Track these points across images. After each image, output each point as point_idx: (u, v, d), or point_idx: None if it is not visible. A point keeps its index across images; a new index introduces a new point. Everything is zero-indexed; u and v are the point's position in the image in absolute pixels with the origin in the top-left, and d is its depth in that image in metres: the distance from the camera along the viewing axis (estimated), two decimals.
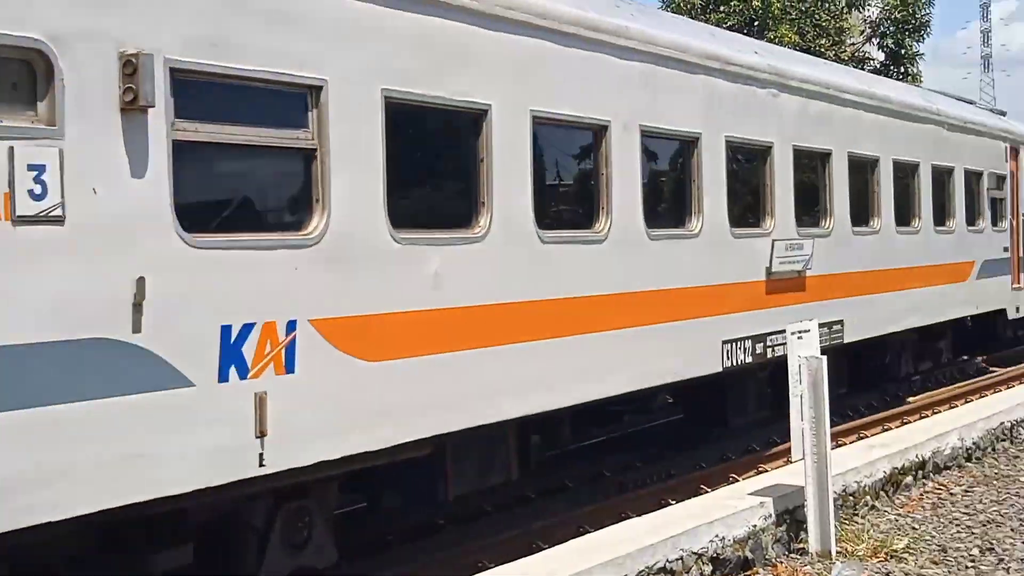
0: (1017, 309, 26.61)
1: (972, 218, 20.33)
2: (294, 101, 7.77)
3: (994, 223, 21.51)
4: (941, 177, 19.03)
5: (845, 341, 15.09)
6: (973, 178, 20.48)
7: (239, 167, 7.72)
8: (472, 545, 10.73)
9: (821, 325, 9.54)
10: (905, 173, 17.63)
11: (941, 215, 19.00)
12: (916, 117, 18.33)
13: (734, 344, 12.59)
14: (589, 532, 8.95)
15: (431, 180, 9.52)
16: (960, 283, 19.53)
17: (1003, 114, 29.22)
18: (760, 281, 13.18)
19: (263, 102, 7.60)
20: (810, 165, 14.76)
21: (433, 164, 9.52)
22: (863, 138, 16.08)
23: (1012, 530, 9.23)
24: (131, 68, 6.49)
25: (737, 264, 12.79)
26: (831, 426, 15.06)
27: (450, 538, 11.14)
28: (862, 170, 16.12)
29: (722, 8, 30.66)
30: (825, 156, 14.90)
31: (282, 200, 8.12)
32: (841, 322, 14.90)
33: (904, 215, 17.48)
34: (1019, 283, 22.90)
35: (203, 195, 7.42)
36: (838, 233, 15.14)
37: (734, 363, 12.60)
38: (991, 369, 23.77)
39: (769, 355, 13.14)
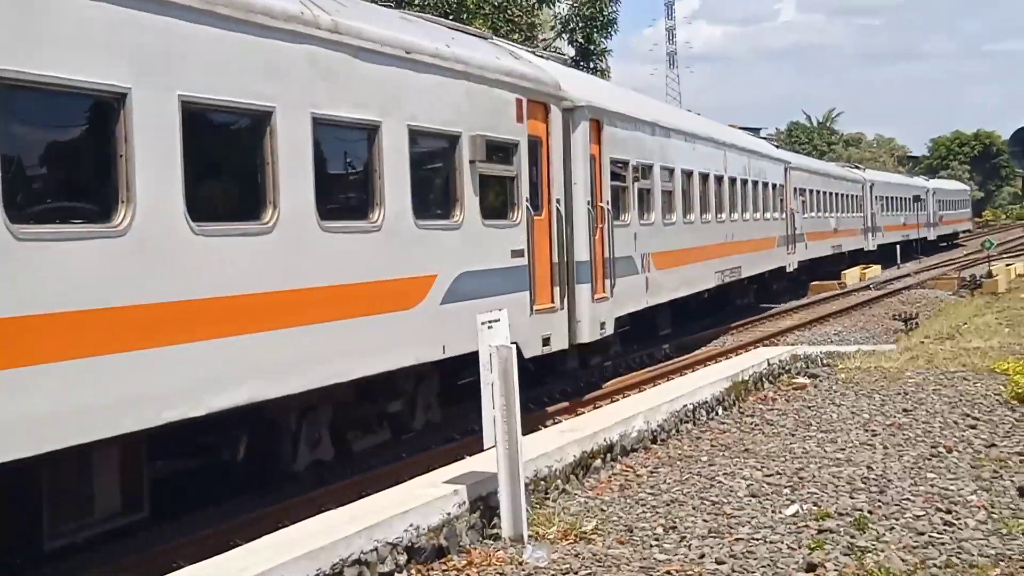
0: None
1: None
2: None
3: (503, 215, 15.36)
4: None
5: None
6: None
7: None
8: (167, 545, 10.48)
9: None
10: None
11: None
12: None
13: None
14: (288, 526, 8.87)
15: None
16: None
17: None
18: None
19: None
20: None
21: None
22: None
23: (693, 508, 9.66)
24: None
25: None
26: (528, 413, 15.64)
27: (144, 538, 10.83)
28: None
29: (416, 2, 30.90)
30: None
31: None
32: None
33: None
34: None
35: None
36: None
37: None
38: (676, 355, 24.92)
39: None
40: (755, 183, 32.59)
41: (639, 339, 24.02)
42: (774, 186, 35.39)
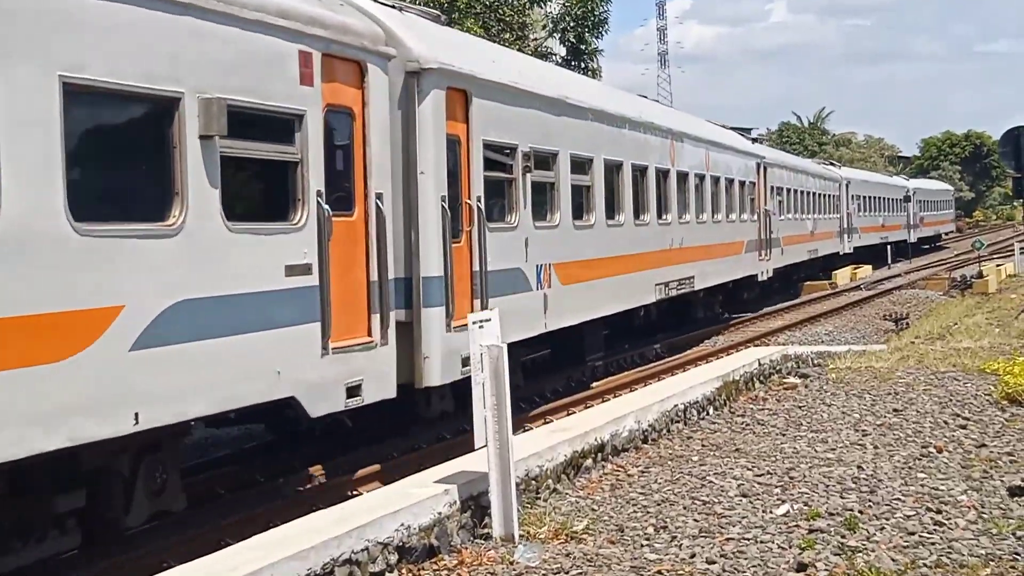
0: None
1: None
2: None
3: None
4: None
5: None
6: None
7: None
8: (157, 545, 10.46)
9: None
10: None
11: None
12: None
13: None
14: (279, 526, 8.86)
15: None
16: None
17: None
18: None
19: None
20: None
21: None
22: None
23: (684, 508, 9.66)
24: None
25: None
26: (519, 413, 15.65)
27: (135, 538, 10.80)
28: None
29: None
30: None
31: None
32: None
33: None
34: None
35: None
36: None
37: None
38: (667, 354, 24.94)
39: None
40: (716, 180, 28.49)
41: (566, 363, 21.73)
42: (743, 184, 31.64)
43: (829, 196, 49.29)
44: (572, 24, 37.00)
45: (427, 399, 14.46)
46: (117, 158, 9.23)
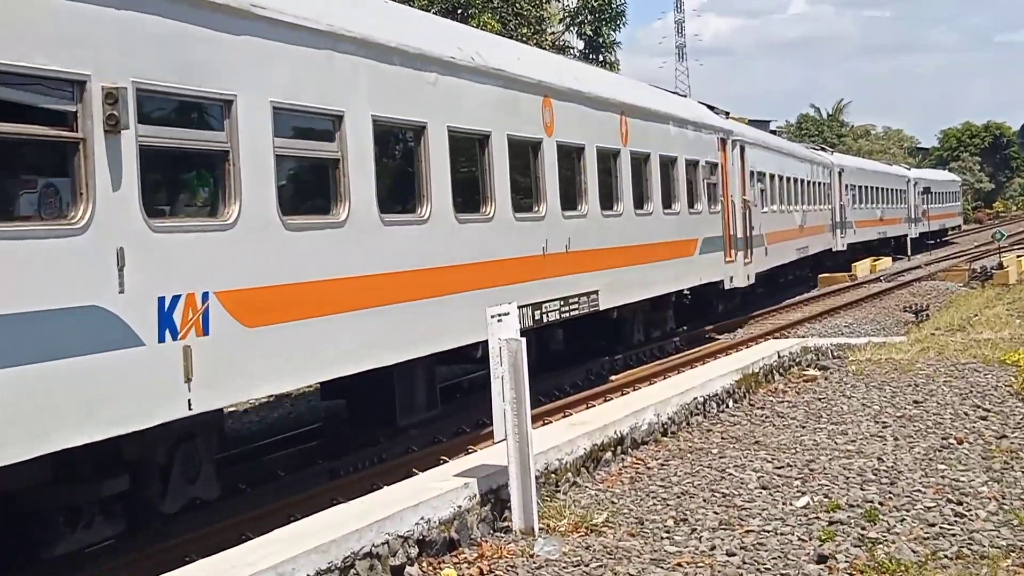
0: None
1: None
2: None
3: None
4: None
5: None
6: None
7: None
8: (180, 538, 10.52)
9: None
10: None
11: None
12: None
13: None
14: (299, 520, 8.90)
15: None
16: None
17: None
18: None
19: None
20: None
21: None
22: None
23: (704, 500, 9.68)
24: None
25: None
26: (538, 406, 15.66)
27: (156, 532, 10.87)
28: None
29: None
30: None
31: None
32: None
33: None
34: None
35: None
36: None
37: None
38: (686, 347, 24.91)
39: None
40: (646, 159, 20.82)
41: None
42: (702, 166, 24.44)
43: (820, 184, 43.40)
44: (589, 17, 37.01)
45: None
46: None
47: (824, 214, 43.88)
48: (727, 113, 30.28)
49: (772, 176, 33.08)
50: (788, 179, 35.93)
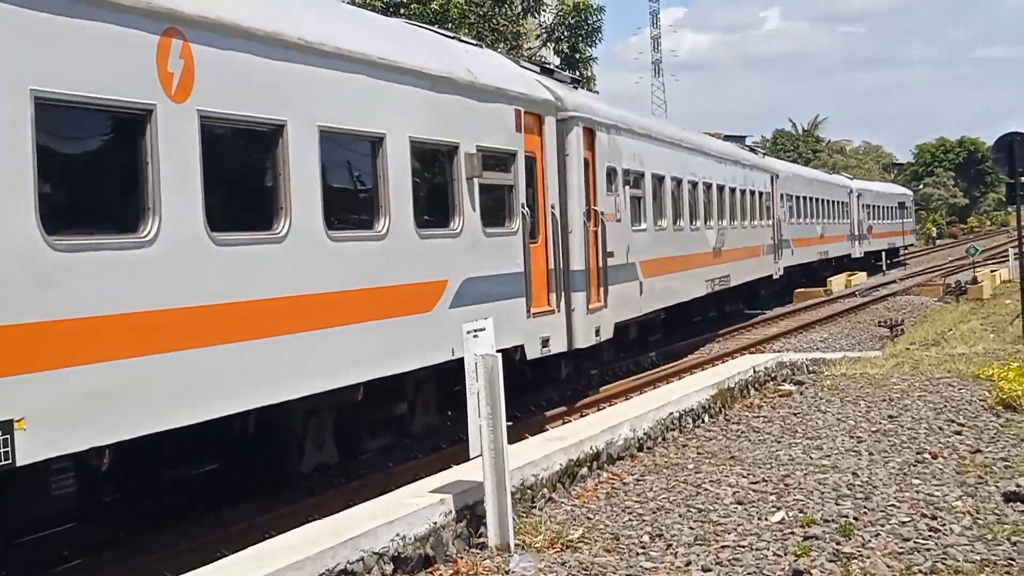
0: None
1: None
2: None
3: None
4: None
5: None
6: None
7: None
8: (153, 555, 10.46)
9: None
10: None
11: None
12: None
13: None
14: (275, 536, 8.86)
15: None
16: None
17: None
18: None
19: None
20: None
21: None
22: None
23: (680, 516, 9.68)
24: None
25: None
26: (514, 422, 15.65)
27: (130, 550, 10.81)
28: None
29: (402, 11, 30.97)
30: None
31: None
32: None
33: None
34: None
35: None
36: None
37: None
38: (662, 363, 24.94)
39: None
40: (429, 156, 14.21)
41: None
42: (465, 156, 14.59)
43: (753, 194, 35.15)
44: (566, 33, 37.11)
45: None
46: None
47: (760, 232, 35.90)
48: (576, 80, 21.77)
49: (658, 178, 24.17)
50: (692, 184, 27.45)
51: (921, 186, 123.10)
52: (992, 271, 44.25)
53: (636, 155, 22.27)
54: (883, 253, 60.66)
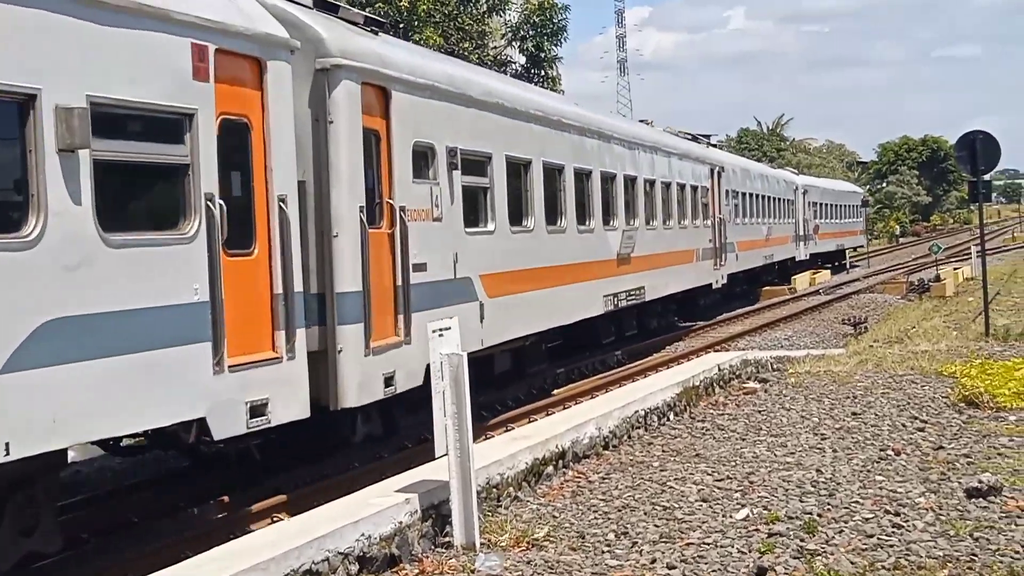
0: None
1: None
2: None
3: None
4: None
5: None
6: None
7: None
8: (118, 556, 10.41)
9: None
10: None
11: None
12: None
13: None
14: (239, 537, 8.83)
15: None
16: None
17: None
18: None
19: None
20: None
21: None
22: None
23: (645, 514, 9.70)
24: None
25: None
26: (480, 421, 15.64)
27: (94, 551, 10.75)
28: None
29: (367, 9, 30.90)
30: None
31: None
32: None
33: None
34: None
35: None
36: None
37: None
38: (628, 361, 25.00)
39: None
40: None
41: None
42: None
43: (677, 188, 29.23)
44: (531, 32, 37.10)
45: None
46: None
47: (694, 234, 30.54)
48: (377, 23, 14.92)
49: (520, 164, 18.35)
50: (583, 174, 21.51)
51: (885, 184, 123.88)
52: (955, 269, 44.59)
53: (477, 131, 16.34)
54: (846, 252, 60.12)
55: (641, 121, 33.56)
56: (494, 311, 16.53)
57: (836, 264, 59.48)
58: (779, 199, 46.97)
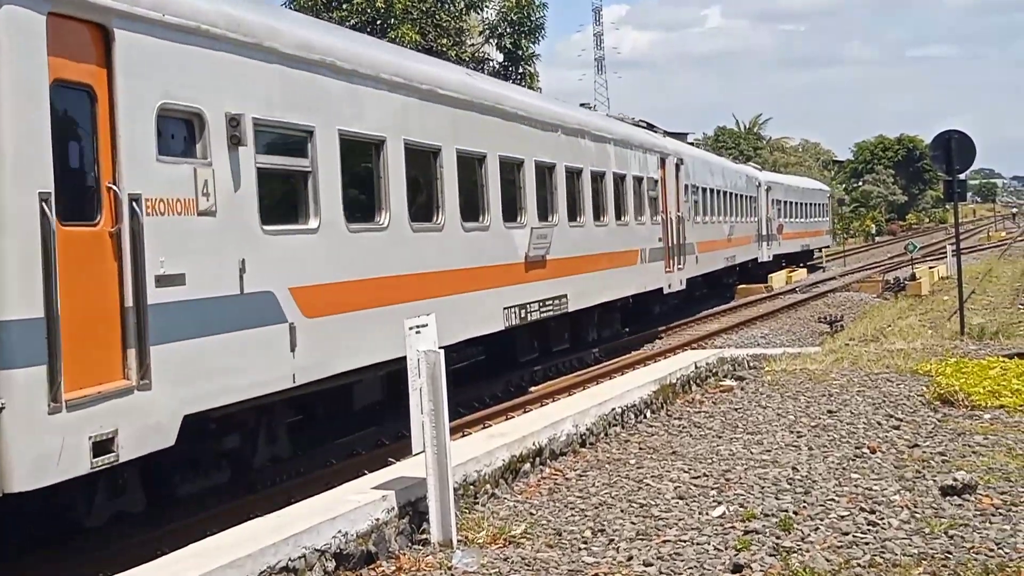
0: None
1: None
2: None
3: None
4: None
5: None
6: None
7: None
8: (94, 553, 10.36)
9: None
10: None
11: None
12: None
13: None
14: (216, 534, 8.80)
15: None
16: None
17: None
18: None
19: None
20: None
21: None
22: None
23: (622, 511, 9.71)
24: None
25: None
26: (457, 418, 15.63)
27: (69, 548, 10.69)
28: None
29: (345, 6, 30.84)
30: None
31: None
32: None
33: None
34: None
35: None
36: None
37: None
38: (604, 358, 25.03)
39: None
40: None
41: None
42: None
43: (630, 182, 26.06)
44: (509, 30, 37.10)
45: None
46: None
47: (637, 233, 26.55)
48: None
49: (366, 144, 14.60)
50: (472, 160, 17.70)
51: (860, 183, 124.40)
52: (930, 268, 44.79)
53: (290, 96, 12.63)
54: (812, 253, 59.25)
55: (582, 105, 31.17)
56: (315, 336, 12.55)
57: (802, 265, 55.62)
58: (742, 196, 44.00)
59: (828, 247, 69.04)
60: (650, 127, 32.04)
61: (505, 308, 18.46)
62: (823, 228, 66.88)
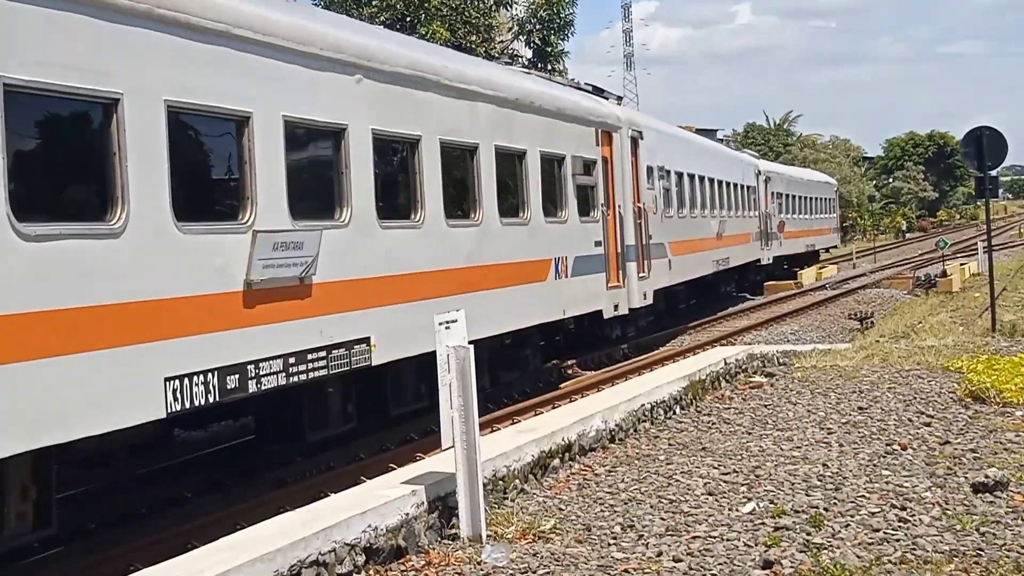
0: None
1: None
2: None
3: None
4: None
5: None
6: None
7: None
8: (124, 547, 10.42)
9: None
10: None
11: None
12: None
13: None
14: (245, 528, 8.84)
15: None
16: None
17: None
18: None
19: None
20: None
21: None
22: None
23: (651, 507, 9.70)
24: None
25: None
26: (487, 413, 15.65)
27: (100, 542, 10.77)
28: None
29: (374, 2, 30.88)
30: None
31: None
32: None
33: None
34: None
35: None
36: None
37: None
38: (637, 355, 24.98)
39: None
40: None
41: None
42: None
43: (565, 162, 19.77)
44: (538, 27, 37.09)
45: None
46: None
47: (545, 235, 18.69)
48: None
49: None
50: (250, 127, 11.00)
51: (891, 180, 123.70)
52: (961, 264, 44.54)
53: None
54: (818, 254, 56.98)
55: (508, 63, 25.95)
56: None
57: (805, 268, 48.61)
58: (737, 185, 37.14)
59: (835, 246, 63.74)
60: (598, 91, 24.56)
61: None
62: (830, 225, 59.57)
